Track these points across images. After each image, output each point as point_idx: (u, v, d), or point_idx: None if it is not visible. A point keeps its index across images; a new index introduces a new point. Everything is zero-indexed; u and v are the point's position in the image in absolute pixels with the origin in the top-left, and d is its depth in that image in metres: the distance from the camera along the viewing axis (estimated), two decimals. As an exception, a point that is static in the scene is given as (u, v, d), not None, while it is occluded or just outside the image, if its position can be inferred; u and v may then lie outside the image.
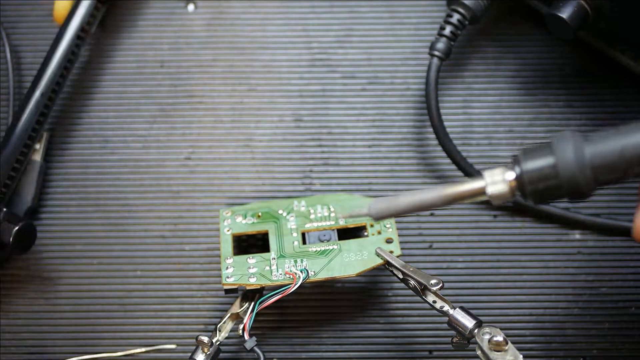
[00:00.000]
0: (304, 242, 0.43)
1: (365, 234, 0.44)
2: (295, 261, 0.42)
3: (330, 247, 0.43)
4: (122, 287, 0.46)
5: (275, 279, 0.42)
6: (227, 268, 0.42)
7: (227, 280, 0.42)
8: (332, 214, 0.45)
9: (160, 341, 0.45)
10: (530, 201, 0.34)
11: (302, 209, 0.45)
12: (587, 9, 0.43)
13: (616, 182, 0.33)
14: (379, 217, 0.36)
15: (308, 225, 0.44)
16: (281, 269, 0.42)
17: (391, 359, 0.45)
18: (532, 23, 0.50)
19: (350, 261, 0.42)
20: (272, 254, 0.43)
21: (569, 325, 0.45)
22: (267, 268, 0.42)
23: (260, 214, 0.45)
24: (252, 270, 0.42)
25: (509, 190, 0.34)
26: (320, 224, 0.44)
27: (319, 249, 0.43)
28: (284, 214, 0.45)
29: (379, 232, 0.43)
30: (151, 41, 0.51)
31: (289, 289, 0.41)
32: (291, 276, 0.42)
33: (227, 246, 0.43)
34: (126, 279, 0.46)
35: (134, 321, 0.46)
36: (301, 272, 0.41)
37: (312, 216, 0.45)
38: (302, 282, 0.41)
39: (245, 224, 0.44)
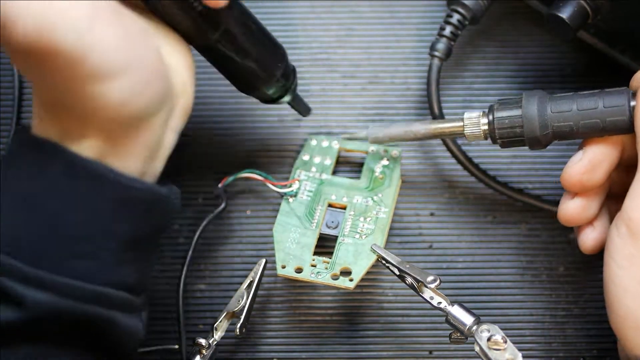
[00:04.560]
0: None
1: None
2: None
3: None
4: (122, 286, 0.46)
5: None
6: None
7: None
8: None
9: (160, 341, 0.45)
10: (498, 144, 0.41)
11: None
12: (587, 9, 0.43)
13: (569, 136, 0.40)
14: (374, 141, 0.44)
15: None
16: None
17: (391, 359, 0.45)
18: (532, 23, 0.50)
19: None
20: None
21: (569, 325, 0.45)
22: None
23: None
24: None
25: (482, 133, 0.42)
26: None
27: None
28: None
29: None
30: (151, 41, 0.51)
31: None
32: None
33: None
34: (126, 278, 0.46)
35: (134, 321, 0.46)
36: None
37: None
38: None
39: None
